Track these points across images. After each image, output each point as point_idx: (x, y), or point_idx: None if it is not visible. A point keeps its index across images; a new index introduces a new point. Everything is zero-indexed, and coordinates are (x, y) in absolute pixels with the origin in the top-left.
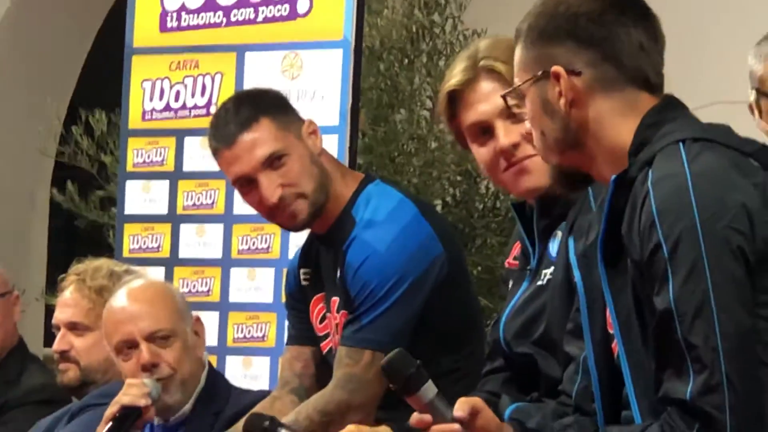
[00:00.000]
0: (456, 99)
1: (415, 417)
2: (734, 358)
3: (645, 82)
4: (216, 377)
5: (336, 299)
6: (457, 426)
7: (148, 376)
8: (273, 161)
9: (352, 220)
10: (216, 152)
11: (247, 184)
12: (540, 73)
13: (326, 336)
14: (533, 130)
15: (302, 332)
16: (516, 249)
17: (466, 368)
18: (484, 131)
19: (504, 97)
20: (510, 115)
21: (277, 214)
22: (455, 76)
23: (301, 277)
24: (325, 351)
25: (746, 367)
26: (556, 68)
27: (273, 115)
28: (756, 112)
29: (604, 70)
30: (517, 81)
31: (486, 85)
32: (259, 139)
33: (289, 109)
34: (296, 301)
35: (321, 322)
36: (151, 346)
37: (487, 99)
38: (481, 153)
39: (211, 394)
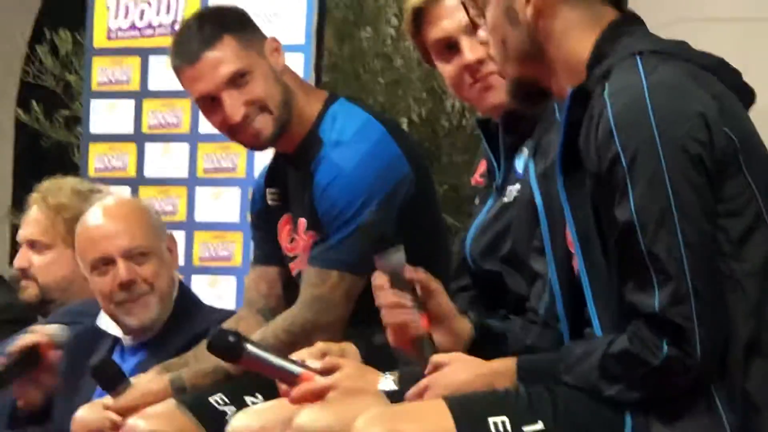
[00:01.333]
0: (421, 15)
1: None
2: (698, 268)
3: None
4: (187, 295)
5: (303, 220)
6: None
7: (125, 293)
8: (236, 79)
9: (319, 140)
10: (178, 70)
11: (210, 103)
12: None
13: (294, 257)
14: (492, 40)
15: (268, 252)
16: (482, 166)
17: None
18: (449, 47)
19: (464, 4)
20: (475, 30)
21: (240, 132)
22: None
23: (268, 196)
24: (294, 272)
25: (709, 275)
26: None
27: (236, 32)
28: None
29: None
30: None
31: (450, 1)
32: (222, 57)
33: (252, 27)
34: (263, 221)
35: (290, 242)
36: (128, 263)
37: (452, 15)
38: (446, 69)
39: (183, 312)
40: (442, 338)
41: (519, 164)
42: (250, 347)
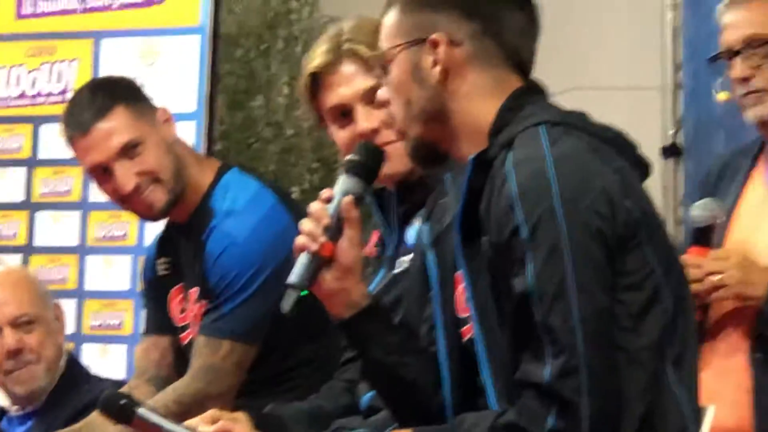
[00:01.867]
0: (317, 81)
1: None
2: (592, 341)
3: (518, 64)
4: (75, 364)
5: (195, 290)
6: None
7: (12, 362)
8: (128, 150)
9: (210, 210)
10: (71, 140)
11: (102, 173)
12: (417, 39)
13: (185, 327)
14: (396, 99)
15: (159, 322)
16: (374, 237)
17: (325, 357)
18: (344, 114)
19: (368, 61)
20: (371, 99)
21: (133, 202)
22: (317, 57)
23: (159, 266)
24: (185, 342)
25: (603, 350)
26: (436, 36)
27: (128, 102)
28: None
29: (484, 45)
30: (386, 45)
31: (348, 68)
32: (114, 128)
33: (143, 97)
34: (154, 291)
35: (181, 313)
36: (15, 332)
37: (348, 82)
38: (340, 136)
39: (71, 381)
40: (333, 279)
41: (410, 235)
42: (141, 410)
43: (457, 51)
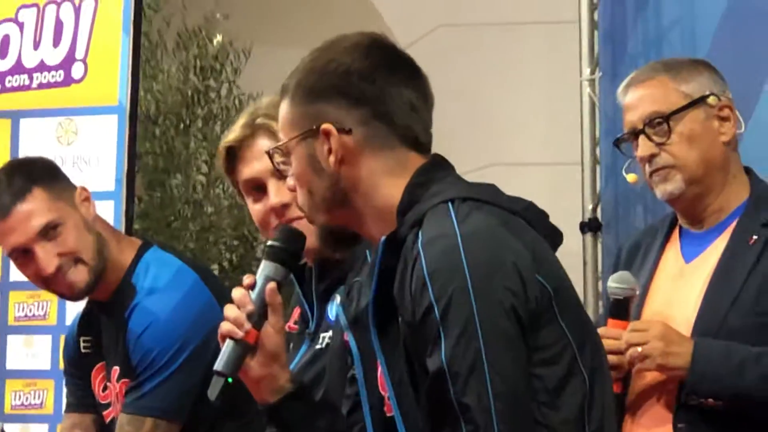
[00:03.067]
0: (233, 154)
1: None
2: (507, 418)
3: (414, 141)
4: None
5: (116, 369)
6: None
7: None
8: (48, 231)
9: (132, 288)
10: None
11: (22, 255)
12: (308, 129)
13: (108, 405)
14: (299, 189)
15: (82, 399)
16: (296, 313)
17: None
18: (258, 188)
19: (269, 153)
20: (282, 178)
21: (55, 283)
22: (234, 131)
23: (81, 344)
24: (108, 420)
25: (520, 426)
26: (326, 126)
27: (46, 184)
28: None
29: (375, 128)
30: (283, 138)
31: (262, 143)
32: (33, 210)
33: (61, 177)
34: (76, 369)
35: (103, 390)
36: None
37: (262, 157)
38: (254, 209)
39: None
40: (258, 365)
41: (331, 311)
42: None
43: (348, 138)
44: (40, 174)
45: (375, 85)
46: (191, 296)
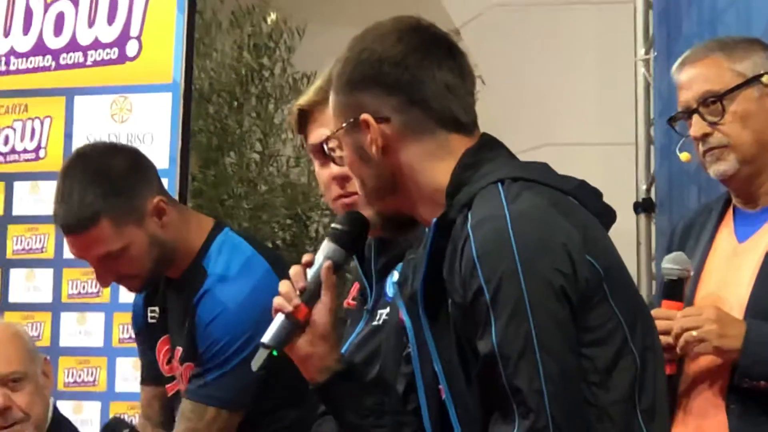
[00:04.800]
0: (305, 116)
1: None
2: (559, 400)
3: (455, 122)
4: (61, 419)
5: (180, 349)
6: None
7: (1, 419)
8: (109, 258)
9: (203, 271)
10: (62, 230)
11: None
12: (350, 120)
13: (172, 378)
14: (354, 178)
15: (157, 371)
16: (355, 289)
17: (308, 422)
18: (325, 153)
19: (324, 143)
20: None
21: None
22: (308, 93)
23: (149, 315)
24: (170, 393)
25: (571, 408)
26: (364, 116)
27: (114, 210)
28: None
29: (412, 114)
30: (332, 128)
31: None
32: (97, 239)
33: (135, 190)
34: (146, 339)
35: (167, 363)
36: (3, 390)
37: (331, 122)
38: (320, 173)
39: None
40: (306, 343)
41: (389, 287)
42: None
43: (386, 127)
44: (113, 194)
45: (407, 71)
46: (261, 286)
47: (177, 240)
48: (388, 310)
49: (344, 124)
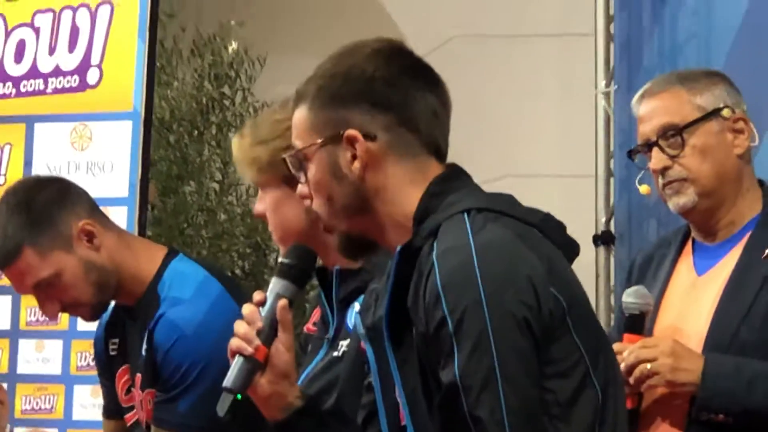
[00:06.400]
0: None
1: None
2: (520, 431)
3: (436, 148)
4: None
5: (140, 375)
6: None
7: None
8: (43, 286)
9: (157, 297)
10: None
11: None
12: (331, 135)
13: (131, 408)
14: (316, 196)
15: (117, 404)
16: (316, 314)
17: None
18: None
19: (284, 160)
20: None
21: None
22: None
23: (110, 347)
24: (130, 423)
25: None
26: (351, 132)
27: (37, 239)
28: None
29: (399, 135)
30: (298, 144)
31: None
32: (25, 270)
33: (57, 217)
34: (106, 371)
35: (126, 393)
36: None
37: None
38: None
39: None
40: (267, 382)
41: (350, 319)
42: None
43: (373, 144)
44: (33, 224)
45: (399, 91)
46: (217, 308)
47: (120, 264)
48: (348, 341)
49: (322, 140)
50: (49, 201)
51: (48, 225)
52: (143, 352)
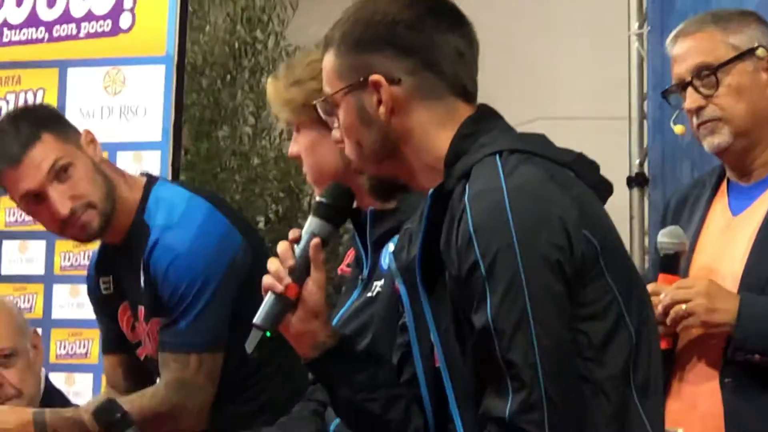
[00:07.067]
0: None
1: None
2: (553, 374)
3: (462, 89)
4: (52, 391)
5: (142, 308)
6: None
7: None
8: (59, 173)
9: (146, 226)
10: (1, 174)
11: (35, 202)
12: (357, 81)
13: (139, 344)
14: (346, 140)
15: (117, 339)
16: (350, 256)
17: (285, 356)
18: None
19: (314, 105)
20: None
21: (68, 226)
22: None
23: (102, 286)
24: (142, 357)
25: (565, 382)
26: (375, 77)
27: (52, 128)
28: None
29: (424, 78)
30: (327, 90)
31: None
32: (44, 154)
33: (66, 122)
34: (102, 309)
35: (132, 330)
36: None
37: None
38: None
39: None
40: (298, 321)
41: (384, 259)
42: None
43: (397, 89)
44: (47, 119)
45: (422, 34)
46: (208, 225)
47: (116, 183)
48: (382, 281)
49: (348, 85)
50: (54, 110)
51: (60, 122)
52: (142, 284)
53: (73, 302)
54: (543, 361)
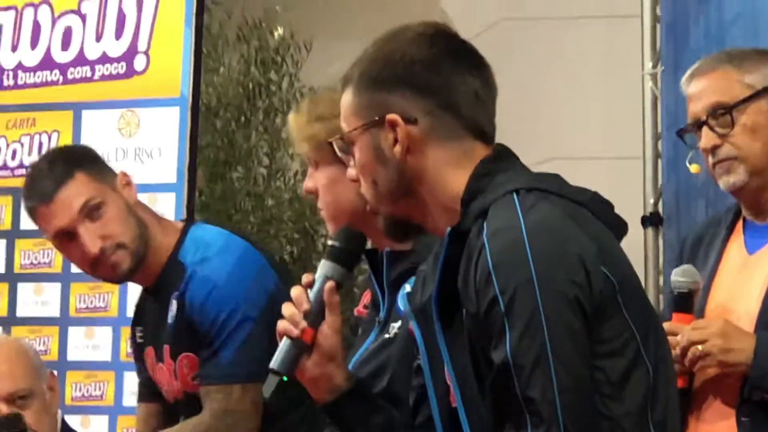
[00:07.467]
0: None
1: None
2: (572, 411)
3: (480, 131)
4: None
5: (167, 347)
6: None
7: None
8: (91, 212)
9: (180, 265)
10: (33, 211)
11: (67, 239)
12: (373, 119)
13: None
14: (362, 179)
15: (151, 388)
16: (366, 297)
17: (312, 421)
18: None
19: (330, 143)
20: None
21: (99, 265)
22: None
23: (137, 335)
24: (171, 401)
25: (584, 419)
26: (391, 116)
27: (87, 168)
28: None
29: (440, 118)
30: (344, 127)
31: None
32: (76, 192)
33: (101, 163)
34: (138, 357)
35: (154, 373)
36: (10, 409)
37: None
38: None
39: None
40: (314, 365)
41: (401, 301)
42: None
43: (414, 128)
44: (82, 159)
45: (440, 75)
46: (245, 259)
47: (149, 226)
48: (399, 323)
49: (365, 123)
50: (92, 151)
51: (95, 162)
52: (170, 320)
53: (89, 344)
54: (562, 398)
